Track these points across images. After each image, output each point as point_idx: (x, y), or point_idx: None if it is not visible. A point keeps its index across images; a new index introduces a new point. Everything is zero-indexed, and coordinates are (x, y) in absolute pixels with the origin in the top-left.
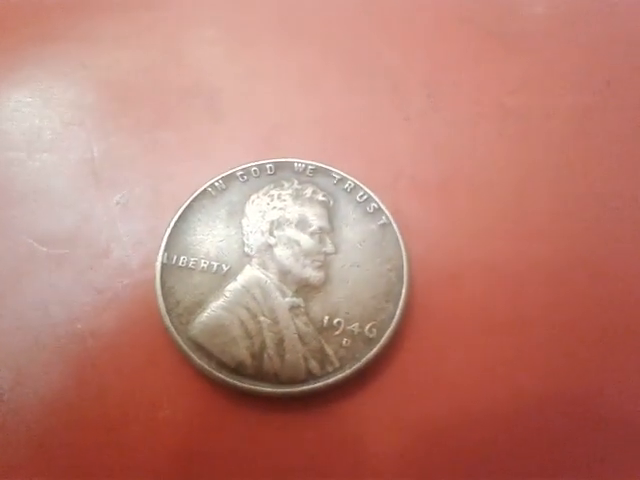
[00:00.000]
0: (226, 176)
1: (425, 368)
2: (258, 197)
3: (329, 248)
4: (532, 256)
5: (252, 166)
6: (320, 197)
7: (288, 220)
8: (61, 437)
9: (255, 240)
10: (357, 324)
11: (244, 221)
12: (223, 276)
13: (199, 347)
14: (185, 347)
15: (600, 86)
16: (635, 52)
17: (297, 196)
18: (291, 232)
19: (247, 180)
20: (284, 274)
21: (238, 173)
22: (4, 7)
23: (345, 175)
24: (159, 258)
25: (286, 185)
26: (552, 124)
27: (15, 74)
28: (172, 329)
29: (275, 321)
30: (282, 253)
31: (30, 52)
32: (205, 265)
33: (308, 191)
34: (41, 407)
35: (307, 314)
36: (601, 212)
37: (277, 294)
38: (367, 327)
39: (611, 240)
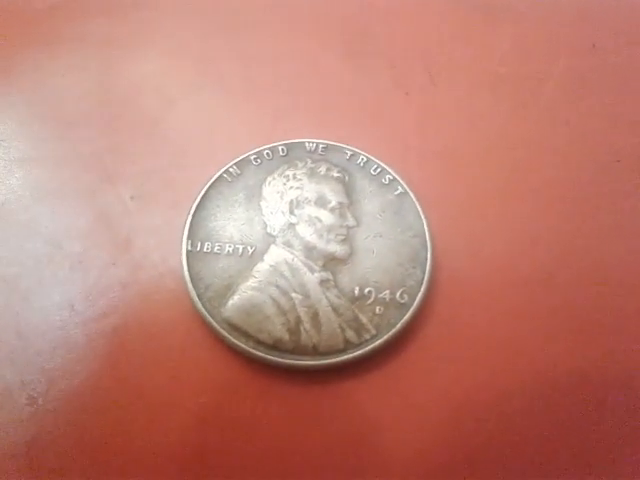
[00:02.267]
0: (239, 161)
1: (459, 328)
2: (274, 179)
3: (350, 221)
4: (543, 210)
5: (264, 149)
6: (335, 173)
7: (307, 198)
8: (103, 433)
9: (277, 220)
10: (388, 291)
11: (263, 203)
12: (249, 258)
13: (235, 328)
14: (221, 329)
15: (586, 49)
16: (614, 15)
17: (312, 174)
18: (311, 210)
19: (261, 163)
20: (309, 250)
21: (251, 157)
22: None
23: (357, 150)
24: (184, 246)
25: (300, 165)
26: (545, 87)
27: (14, 77)
28: (205, 313)
29: (307, 296)
30: (305, 230)
31: (27, 55)
32: (230, 249)
33: (322, 168)
34: (78, 406)
35: (337, 286)
36: (603, 163)
37: (305, 270)
38: (398, 293)
39: (617, 191)
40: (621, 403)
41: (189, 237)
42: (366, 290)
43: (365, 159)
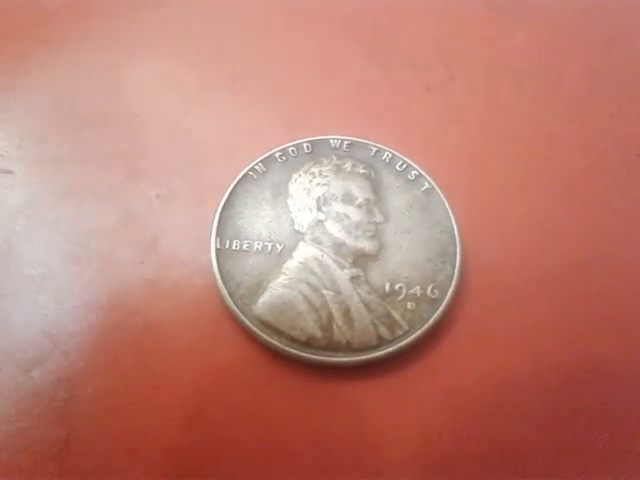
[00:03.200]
0: (265, 158)
1: (489, 323)
2: (300, 176)
3: (378, 218)
4: (569, 204)
5: (289, 146)
6: (361, 170)
7: (333, 195)
8: (135, 432)
9: (304, 217)
10: (418, 287)
11: (289, 201)
12: (279, 255)
13: (267, 325)
14: (253, 327)
15: (604, 45)
16: (631, 10)
17: (338, 171)
18: (338, 206)
19: (286, 160)
20: (339, 246)
21: (276, 154)
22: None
23: (382, 146)
24: (212, 244)
25: (325, 161)
26: (565, 82)
27: (35, 76)
28: (237, 311)
29: (338, 292)
30: (333, 227)
31: (48, 55)
32: (259, 246)
33: (348, 165)
34: (110, 405)
35: (368, 283)
36: (623, 158)
37: (335, 267)
38: (429, 289)
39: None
40: None
41: (217, 235)
42: (397, 286)
43: (390, 155)
